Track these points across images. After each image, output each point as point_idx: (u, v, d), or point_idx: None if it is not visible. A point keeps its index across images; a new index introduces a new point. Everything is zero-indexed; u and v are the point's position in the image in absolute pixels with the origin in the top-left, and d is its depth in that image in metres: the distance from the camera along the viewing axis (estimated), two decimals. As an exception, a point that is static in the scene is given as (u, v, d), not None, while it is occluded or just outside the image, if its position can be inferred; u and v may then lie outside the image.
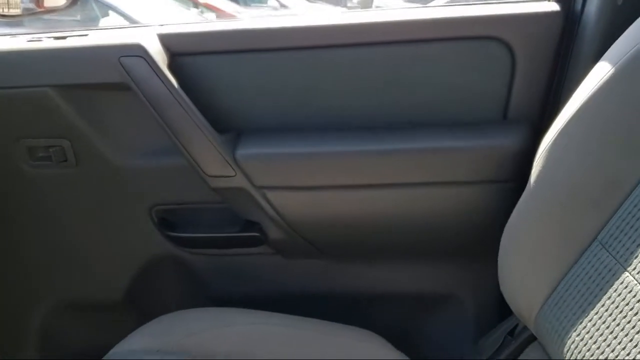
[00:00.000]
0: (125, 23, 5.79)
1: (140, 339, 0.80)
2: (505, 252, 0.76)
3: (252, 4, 10.55)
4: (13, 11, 1.23)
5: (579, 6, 0.87)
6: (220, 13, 8.96)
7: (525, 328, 0.83)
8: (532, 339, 0.81)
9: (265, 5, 10.75)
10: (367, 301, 1.00)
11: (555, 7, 0.89)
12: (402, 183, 0.90)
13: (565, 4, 0.88)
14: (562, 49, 0.89)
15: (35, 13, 1.17)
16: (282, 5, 10.85)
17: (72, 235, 1.00)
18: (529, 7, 0.90)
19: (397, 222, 0.93)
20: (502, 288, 0.77)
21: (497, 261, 0.77)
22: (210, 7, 9.05)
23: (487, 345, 0.87)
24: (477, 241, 0.85)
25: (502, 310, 0.90)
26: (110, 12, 6.10)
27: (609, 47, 0.70)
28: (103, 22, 5.86)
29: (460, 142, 0.90)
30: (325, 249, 0.98)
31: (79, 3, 1.27)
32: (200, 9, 9.02)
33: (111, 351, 0.80)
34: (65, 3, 1.22)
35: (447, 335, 0.99)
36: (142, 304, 1.02)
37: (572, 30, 0.88)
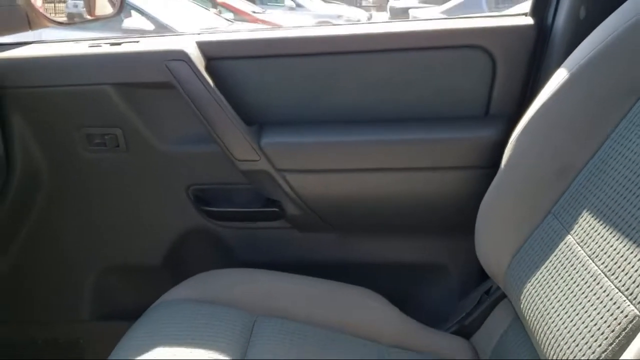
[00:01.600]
0: (148, 23, 5.95)
1: (182, 292, 0.96)
2: (480, 224, 0.91)
3: (269, 4, 10.66)
4: (60, 18, 1.39)
5: (549, 20, 1.01)
6: (237, 12, 9.10)
7: (498, 288, 0.97)
8: (503, 296, 0.95)
9: (281, 5, 10.86)
10: (368, 268, 1.14)
11: (529, 20, 1.03)
12: (398, 168, 1.05)
13: (537, 18, 1.03)
14: (535, 56, 1.03)
15: (87, 21, 1.33)
16: (298, 5, 10.96)
17: (120, 209, 1.15)
18: (507, 20, 1.05)
19: (394, 200, 1.08)
20: (477, 254, 0.92)
21: None
22: (228, 7, 9.20)
23: (468, 302, 1.02)
24: (461, 218, 0.99)
25: (482, 276, 1.04)
26: (133, 12, 6.25)
27: None
28: (126, 22, 6.02)
29: (448, 134, 1.05)
30: (334, 224, 1.13)
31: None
32: (218, 9, 9.17)
33: (157, 301, 0.95)
34: (113, 12, 1.38)
35: (436, 296, 1.13)
36: (178, 268, 1.17)
37: (543, 40, 1.02)
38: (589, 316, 0.61)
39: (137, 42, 1.07)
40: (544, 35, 1.02)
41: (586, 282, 0.65)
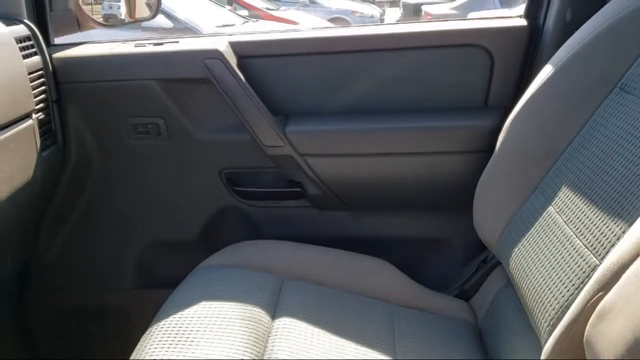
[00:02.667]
0: (166, 20, 6.07)
1: (218, 259, 1.09)
2: (477, 200, 1.04)
3: (283, 0, 10.73)
4: (106, 21, 1.52)
5: (540, 22, 1.14)
6: (252, 9, 9.21)
7: (493, 257, 1.10)
8: (497, 264, 1.08)
9: (295, 1, 10.93)
10: (379, 242, 1.27)
11: (523, 22, 1.15)
12: (407, 152, 1.18)
13: (530, 20, 1.15)
14: (528, 53, 1.15)
15: (128, 23, 1.47)
16: (312, 2, 11.03)
17: (160, 190, 1.28)
18: (504, 22, 1.17)
19: (403, 181, 1.20)
20: (475, 226, 1.04)
21: None
22: (242, 4, 9.31)
23: (467, 270, 1.15)
24: (462, 196, 1.11)
25: (480, 247, 1.17)
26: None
27: None
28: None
29: (451, 123, 1.18)
30: (349, 202, 1.26)
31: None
32: (233, 5, 9.29)
33: (198, 267, 1.09)
34: (150, 15, 1.51)
35: (440, 265, 1.25)
36: (212, 242, 1.30)
37: (535, 40, 1.14)
38: (561, 268, 0.74)
39: (177, 42, 1.20)
40: (536, 35, 1.14)
41: (561, 243, 0.78)
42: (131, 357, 0.85)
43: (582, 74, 0.91)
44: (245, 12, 8.73)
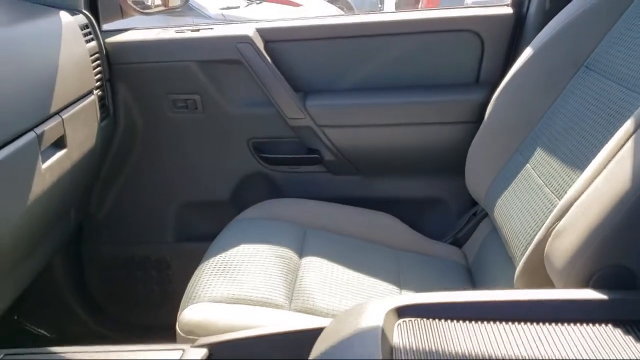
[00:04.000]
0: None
1: (250, 213, 1.28)
2: (468, 163, 1.22)
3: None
4: (145, 9, 1.68)
5: (524, 11, 1.31)
6: None
7: (482, 210, 1.28)
8: (485, 216, 1.27)
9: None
10: (385, 201, 1.44)
11: (509, 10, 1.33)
12: (410, 123, 1.36)
13: (515, 9, 1.32)
14: (513, 37, 1.33)
15: (163, 10, 1.63)
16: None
17: (196, 156, 1.46)
18: (492, 10, 1.34)
19: (406, 148, 1.39)
20: (467, 184, 1.23)
21: None
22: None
23: (460, 222, 1.34)
24: (457, 160, 1.29)
25: (471, 204, 1.36)
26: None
27: None
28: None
29: (448, 97, 1.36)
30: (360, 167, 1.44)
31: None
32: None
33: (233, 220, 1.27)
34: (181, 3, 1.68)
35: (437, 219, 1.44)
36: (240, 202, 1.48)
37: (520, 25, 1.32)
38: (532, 208, 0.93)
39: (212, 28, 1.38)
40: (520, 21, 1.32)
41: (533, 190, 0.97)
42: (188, 287, 1.04)
43: (556, 55, 1.09)
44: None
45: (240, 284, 1.01)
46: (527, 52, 1.14)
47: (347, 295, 1.03)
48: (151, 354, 0.72)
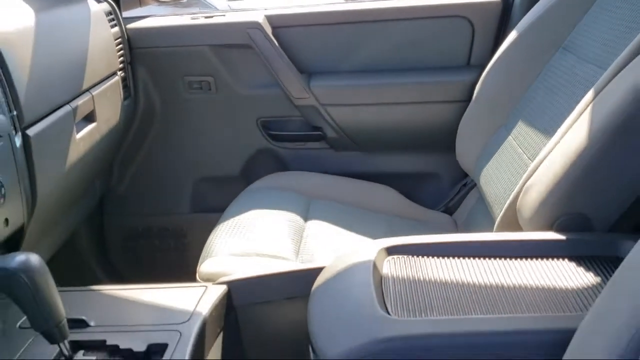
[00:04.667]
0: None
1: (260, 184, 1.40)
2: (458, 137, 1.33)
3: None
4: None
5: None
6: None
7: (471, 181, 1.40)
8: (474, 186, 1.38)
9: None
10: (383, 175, 1.55)
11: (498, -1, 1.44)
12: (406, 102, 1.48)
13: (503, -3, 1.44)
14: (501, 23, 1.43)
15: (176, 0, 1.75)
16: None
17: (209, 134, 1.57)
18: (482, -2, 1.45)
19: (403, 125, 1.50)
20: (457, 156, 1.34)
21: None
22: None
23: (452, 192, 1.45)
24: (449, 137, 1.40)
25: (461, 176, 1.47)
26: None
27: None
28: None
29: (441, 78, 1.47)
30: (360, 143, 1.55)
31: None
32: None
33: (245, 190, 1.39)
34: (193, -8, 1.79)
35: (431, 190, 1.55)
36: (250, 177, 1.59)
37: (507, 12, 1.43)
38: (511, 172, 1.05)
39: (224, 15, 1.49)
40: (507, 8, 1.42)
41: (513, 157, 1.08)
42: (205, 245, 1.16)
43: (537, 38, 1.20)
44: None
45: (252, 241, 1.13)
46: (511, 36, 1.25)
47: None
48: (179, 291, 0.84)
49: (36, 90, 0.94)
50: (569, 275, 0.72)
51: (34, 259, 0.62)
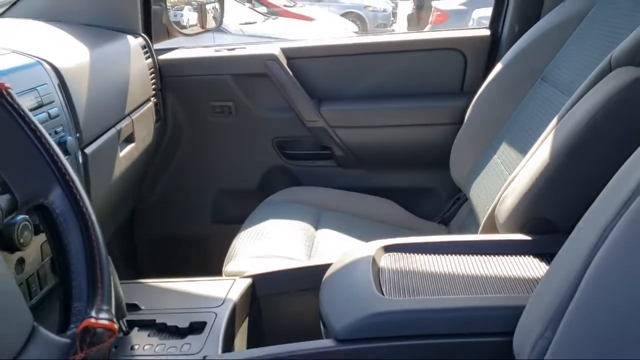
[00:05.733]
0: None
1: (275, 198, 1.57)
2: (453, 155, 1.50)
3: (301, -3, 11.07)
4: (186, 31, 1.97)
5: (499, 32, 1.60)
6: (270, 6, 9.61)
7: (463, 196, 1.55)
8: (465, 200, 1.54)
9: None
10: (385, 190, 1.71)
11: (487, 32, 1.61)
12: (407, 124, 1.65)
13: (492, 31, 1.61)
14: (491, 54, 1.61)
15: (201, 32, 1.93)
16: (333, -1, 11.34)
17: (230, 152, 1.75)
18: (474, 32, 1.63)
19: (403, 145, 1.67)
20: (451, 173, 1.51)
21: None
22: (261, 1, 9.69)
23: (447, 205, 1.61)
24: (445, 155, 1.56)
25: (455, 191, 1.63)
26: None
27: None
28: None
29: (438, 103, 1.64)
30: (365, 161, 1.72)
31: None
32: (253, 2, 9.67)
33: (262, 203, 1.56)
34: (215, 25, 1.98)
35: (428, 204, 1.71)
36: (266, 191, 1.75)
37: (495, 44, 1.60)
38: (494, 186, 1.21)
39: (244, 48, 1.68)
40: (496, 41, 1.60)
41: (496, 173, 1.24)
42: (229, 250, 1.32)
43: (519, 69, 1.37)
44: (264, 9, 9.11)
45: (270, 245, 1.29)
46: (497, 67, 1.42)
47: (352, 257, 1.31)
48: (212, 283, 1.00)
49: (91, 115, 1.12)
50: (531, 267, 0.88)
51: None
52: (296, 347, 0.77)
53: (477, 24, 6.45)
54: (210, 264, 1.81)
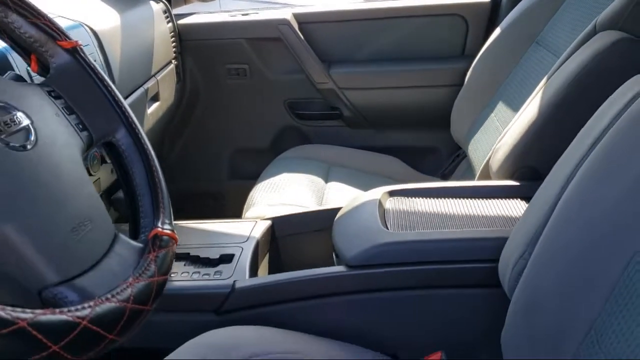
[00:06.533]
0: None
1: (288, 154, 1.68)
2: (453, 114, 1.60)
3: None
4: None
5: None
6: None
7: (463, 152, 1.67)
8: (465, 157, 1.65)
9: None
10: (391, 149, 1.83)
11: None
12: (411, 86, 1.75)
13: (492, -3, 1.70)
14: (491, 20, 1.70)
15: (215, -2, 2.02)
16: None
17: (244, 113, 1.86)
18: (475, -1, 1.72)
19: (408, 106, 1.77)
20: (451, 131, 1.62)
21: None
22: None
23: (448, 162, 1.73)
24: (446, 115, 1.67)
25: (455, 149, 1.75)
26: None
27: None
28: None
29: (441, 66, 1.73)
30: (371, 121, 1.83)
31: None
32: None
33: (276, 158, 1.67)
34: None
35: (431, 161, 1.83)
36: (277, 149, 1.87)
37: (495, 10, 1.69)
38: (490, 140, 1.32)
39: (257, 13, 1.77)
40: (495, 6, 1.69)
41: (493, 129, 1.35)
42: (247, 200, 1.45)
43: (517, 33, 1.46)
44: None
45: (285, 195, 1.41)
46: (496, 32, 1.52)
47: (360, 206, 1.44)
48: (238, 223, 1.13)
49: (124, 74, 1.23)
50: (516, 208, 1.00)
51: None
52: (314, 272, 0.90)
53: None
54: (227, 216, 1.96)
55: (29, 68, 0.83)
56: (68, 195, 0.53)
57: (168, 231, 0.61)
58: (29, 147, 0.51)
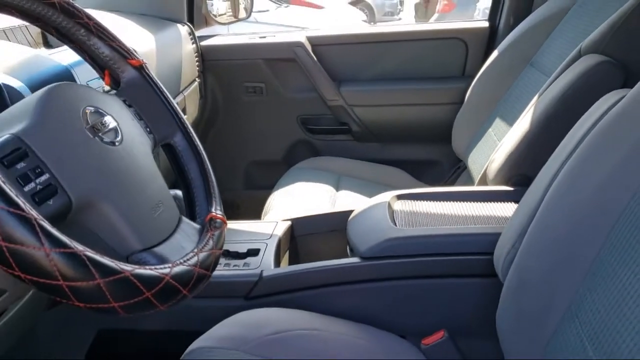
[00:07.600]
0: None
1: (302, 165, 1.81)
2: (454, 130, 1.73)
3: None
4: (221, 19, 2.20)
5: (496, 24, 1.82)
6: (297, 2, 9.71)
7: (464, 165, 1.80)
8: (465, 169, 1.78)
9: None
10: (396, 162, 1.96)
11: (486, 24, 1.84)
12: (415, 104, 1.89)
13: (490, 22, 1.84)
14: (489, 43, 1.84)
15: (234, 21, 2.17)
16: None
17: (260, 127, 1.99)
18: (474, 24, 1.86)
19: (412, 122, 1.91)
20: (452, 146, 1.75)
21: None
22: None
23: (450, 174, 1.86)
24: (448, 131, 1.80)
25: (456, 162, 1.88)
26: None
27: None
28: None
29: (443, 85, 1.87)
30: (378, 136, 1.96)
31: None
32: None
33: (291, 168, 1.80)
34: (246, 15, 2.22)
35: (433, 173, 1.96)
36: (290, 162, 2.00)
37: (493, 34, 1.83)
38: (487, 153, 1.45)
39: (274, 36, 1.92)
40: (494, 32, 1.83)
41: (490, 143, 1.48)
42: (265, 206, 1.57)
43: (512, 57, 1.60)
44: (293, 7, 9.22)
45: (300, 201, 1.54)
46: (494, 54, 1.66)
47: (368, 213, 1.56)
48: (257, 224, 1.25)
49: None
50: (510, 210, 1.12)
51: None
52: (332, 262, 1.03)
53: (482, 14, 6.66)
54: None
55: (89, 82, 0.96)
56: (147, 181, 0.65)
57: (220, 215, 0.74)
58: (117, 143, 0.64)
